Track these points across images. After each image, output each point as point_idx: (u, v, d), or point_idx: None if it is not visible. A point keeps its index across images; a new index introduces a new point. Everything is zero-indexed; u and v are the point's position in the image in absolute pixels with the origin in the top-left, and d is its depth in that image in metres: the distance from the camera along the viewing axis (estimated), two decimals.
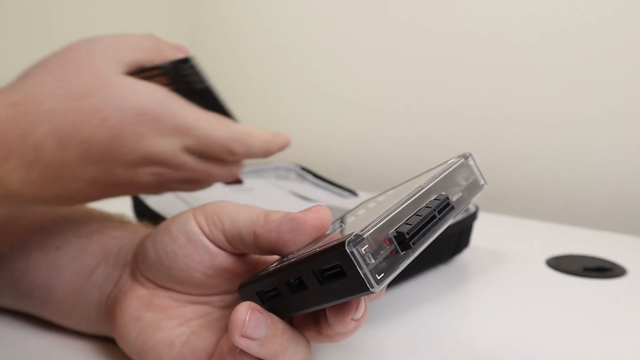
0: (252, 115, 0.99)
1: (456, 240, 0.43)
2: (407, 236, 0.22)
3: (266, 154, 0.33)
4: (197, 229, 0.26)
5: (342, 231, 0.25)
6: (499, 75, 0.67)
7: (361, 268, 0.19)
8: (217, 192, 0.52)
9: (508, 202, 0.67)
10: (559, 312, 0.35)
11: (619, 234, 0.54)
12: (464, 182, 0.26)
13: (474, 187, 0.26)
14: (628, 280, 0.41)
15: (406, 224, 0.22)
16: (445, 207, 0.24)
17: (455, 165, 0.26)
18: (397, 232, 0.22)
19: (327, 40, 0.84)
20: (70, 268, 0.30)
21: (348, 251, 0.19)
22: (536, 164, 0.65)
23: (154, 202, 0.48)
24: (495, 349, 0.30)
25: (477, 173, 0.27)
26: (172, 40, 0.31)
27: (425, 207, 0.23)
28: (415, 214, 0.23)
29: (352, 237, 0.20)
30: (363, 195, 0.63)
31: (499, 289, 0.39)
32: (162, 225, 0.28)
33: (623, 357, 0.30)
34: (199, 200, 0.49)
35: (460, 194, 0.25)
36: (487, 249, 0.47)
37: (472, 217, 0.43)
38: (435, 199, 0.24)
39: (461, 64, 0.70)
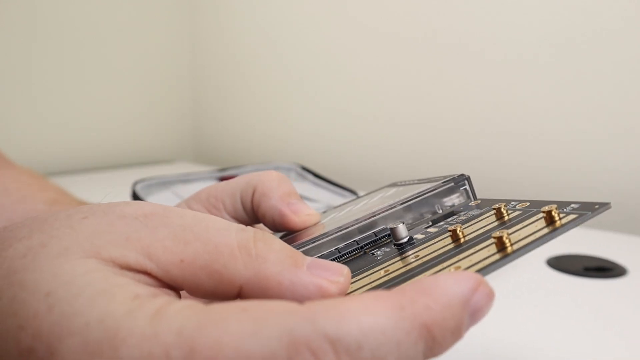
0: (253, 116, 0.99)
1: None
2: None
3: None
4: None
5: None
6: (499, 77, 0.67)
7: None
8: None
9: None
10: (559, 312, 0.35)
11: (619, 234, 0.54)
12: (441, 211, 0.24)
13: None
14: (628, 280, 0.41)
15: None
16: (375, 242, 0.22)
17: (437, 190, 0.24)
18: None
19: (327, 43, 0.84)
20: None
21: None
22: (536, 163, 0.65)
23: (155, 200, 0.48)
24: (495, 349, 0.30)
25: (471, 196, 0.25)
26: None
27: (354, 242, 0.22)
28: (336, 249, 0.22)
29: None
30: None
31: (499, 288, 0.39)
32: None
33: (623, 357, 0.30)
34: None
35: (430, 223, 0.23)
36: None
37: None
38: (374, 232, 0.22)
39: (462, 66, 0.70)
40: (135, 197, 0.48)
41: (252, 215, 0.26)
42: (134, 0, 0.95)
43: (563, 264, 0.44)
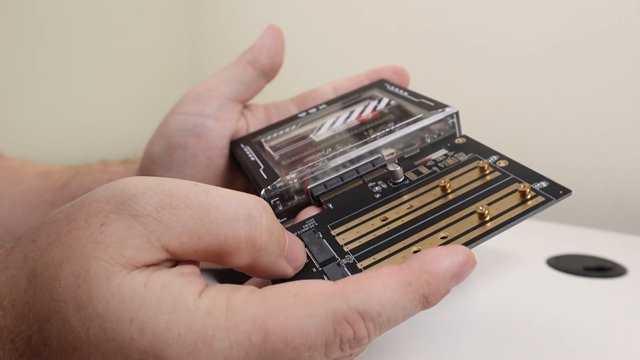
0: None
1: None
2: (317, 196, 0.25)
3: None
4: (199, 119, 0.29)
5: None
6: (499, 76, 0.67)
7: None
8: None
9: None
10: (559, 312, 0.35)
11: (619, 234, 0.54)
12: (429, 140, 0.27)
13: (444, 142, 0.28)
14: (628, 280, 0.41)
15: (324, 184, 0.25)
16: (373, 171, 0.26)
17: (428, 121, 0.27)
18: (310, 190, 0.25)
19: (327, 43, 0.84)
20: None
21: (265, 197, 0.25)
22: (536, 163, 0.65)
23: None
24: (495, 349, 0.30)
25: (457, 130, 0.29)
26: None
27: (355, 170, 0.26)
28: (339, 176, 0.25)
29: (268, 188, 0.25)
30: None
31: (499, 288, 0.39)
32: (158, 150, 0.31)
33: (623, 357, 0.30)
34: None
35: (419, 150, 0.27)
36: (487, 249, 0.47)
37: None
38: (371, 162, 0.26)
39: (462, 66, 0.70)
40: None
41: (261, 81, 0.34)
42: (134, 0, 0.95)
43: (563, 263, 0.44)
